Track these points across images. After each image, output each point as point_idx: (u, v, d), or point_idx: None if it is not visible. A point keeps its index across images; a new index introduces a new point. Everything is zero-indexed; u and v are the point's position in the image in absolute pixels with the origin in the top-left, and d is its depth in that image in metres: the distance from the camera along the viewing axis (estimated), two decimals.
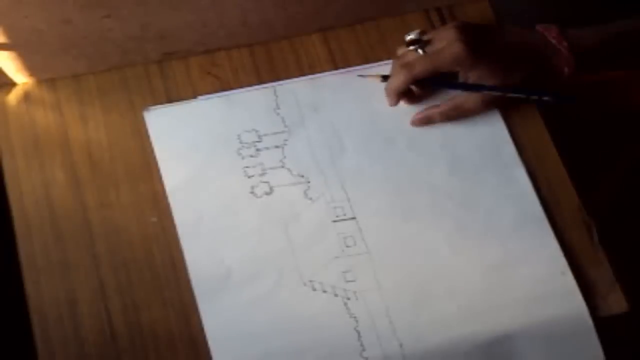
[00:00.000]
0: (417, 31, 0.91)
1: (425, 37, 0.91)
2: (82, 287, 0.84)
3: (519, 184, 0.89)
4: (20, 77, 0.92)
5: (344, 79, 0.94)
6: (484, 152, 0.91)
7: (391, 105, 0.91)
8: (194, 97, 0.93)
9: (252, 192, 0.88)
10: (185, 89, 0.94)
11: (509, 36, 0.91)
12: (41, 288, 0.83)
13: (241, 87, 0.94)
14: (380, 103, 0.92)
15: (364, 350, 0.81)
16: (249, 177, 0.89)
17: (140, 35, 0.91)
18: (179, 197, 0.87)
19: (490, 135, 0.91)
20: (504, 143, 0.91)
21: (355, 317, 0.82)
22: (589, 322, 0.83)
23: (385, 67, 0.94)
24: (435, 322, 0.82)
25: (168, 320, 0.83)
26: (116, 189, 0.88)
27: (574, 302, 0.84)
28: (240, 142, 0.90)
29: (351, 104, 0.93)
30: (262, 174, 0.89)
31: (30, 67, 0.91)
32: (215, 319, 0.82)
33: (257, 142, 0.90)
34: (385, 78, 0.91)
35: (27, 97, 0.92)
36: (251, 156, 0.90)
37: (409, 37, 0.91)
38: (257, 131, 0.91)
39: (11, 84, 0.92)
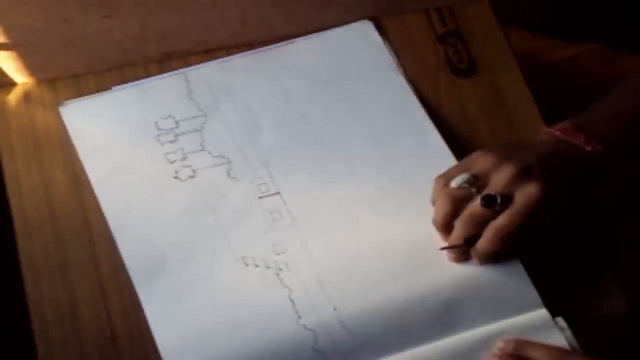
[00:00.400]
0: (465, 179, 0.84)
1: (477, 183, 0.84)
2: (82, 287, 0.84)
3: (432, 143, 0.91)
4: (20, 77, 0.92)
5: (254, 60, 0.96)
6: (395, 117, 0.93)
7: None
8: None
9: (176, 177, 0.89)
10: None
11: (556, 160, 0.84)
12: (41, 288, 0.83)
13: None
14: (291, 80, 0.95)
15: (300, 317, 0.82)
16: (171, 162, 0.89)
17: (140, 35, 0.91)
18: (104, 189, 0.87)
19: (398, 101, 0.94)
20: (413, 107, 0.93)
21: (288, 287, 0.83)
22: (519, 265, 0.84)
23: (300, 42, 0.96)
24: (366, 283, 0.84)
25: None
26: None
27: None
28: (158, 129, 0.91)
29: (263, 84, 0.94)
30: (184, 159, 0.89)
31: (30, 67, 0.91)
32: (155, 303, 0.82)
33: (175, 127, 0.91)
34: (469, 241, 0.83)
35: (27, 97, 0.92)
36: (170, 142, 0.90)
37: (459, 188, 0.84)
38: (173, 117, 0.92)
39: (11, 84, 0.92)
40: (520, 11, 1.14)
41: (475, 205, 0.83)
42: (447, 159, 0.90)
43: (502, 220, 0.81)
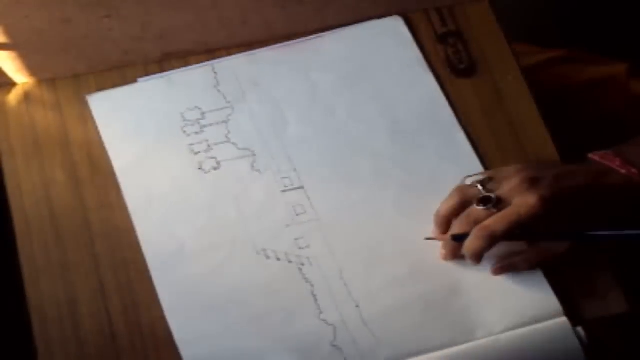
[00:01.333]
0: (479, 179, 0.85)
1: (489, 186, 0.84)
2: (82, 287, 0.84)
3: (458, 146, 0.91)
4: (20, 77, 0.92)
5: (282, 53, 0.96)
6: (422, 116, 0.93)
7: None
8: None
9: (200, 168, 0.89)
10: None
11: (578, 178, 0.84)
12: (41, 288, 0.83)
13: None
14: (318, 74, 0.94)
15: (321, 313, 0.82)
16: (196, 153, 0.90)
17: (140, 35, 0.91)
18: (127, 178, 0.88)
19: (427, 100, 0.93)
20: (441, 106, 0.93)
21: (310, 282, 0.84)
22: (539, 272, 0.84)
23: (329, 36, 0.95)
24: (388, 282, 0.84)
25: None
26: (116, 189, 0.88)
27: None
28: (184, 120, 0.91)
29: (290, 77, 0.94)
30: (208, 150, 0.90)
31: (30, 67, 0.91)
32: (172, 292, 0.83)
33: (201, 119, 0.91)
34: (456, 238, 0.83)
35: (27, 97, 0.92)
36: (196, 133, 0.91)
37: (472, 186, 0.85)
38: (199, 109, 0.92)
39: (11, 84, 0.92)
40: (521, 11, 1.14)
41: (473, 205, 0.83)
42: (472, 161, 0.90)
43: (489, 220, 0.82)
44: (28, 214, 0.86)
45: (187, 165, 0.89)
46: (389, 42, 0.96)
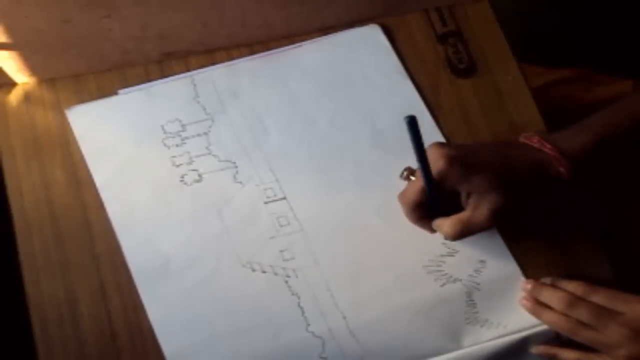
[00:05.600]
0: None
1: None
2: (82, 287, 0.84)
3: None
4: (21, 77, 0.92)
5: (260, 64, 0.95)
6: (402, 122, 0.91)
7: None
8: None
9: (182, 181, 0.89)
10: None
11: (496, 148, 0.86)
12: (41, 288, 0.83)
13: None
14: (298, 84, 0.94)
15: (309, 325, 0.83)
16: (177, 166, 0.89)
17: (140, 35, 0.91)
18: (109, 192, 0.87)
19: (406, 106, 0.94)
20: (420, 112, 0.93)
21: (297, 294, 0.84)
22: (521, 276, 0.86)
23: (308, 46, 0.96)
24: (374, 292, 0.85)
25: None
26: None
27: (505, 258, 0.87)
28: (165, 133, 0.91)
29: (269, 87, 0.94)
30: (190, 162, 0.90)
31: (31, 67, 0.91)
32: (159, 307, 0.83)
33: (181, 131, 0.91)
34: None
35: (27, 97, 0.92)
36: (177, 145, 0.90)
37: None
38: (180, 121, 0.92)
39: (11, 84, 0.92)
40: (520, 11, 1.15)
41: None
42: None
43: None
44: (28, 214, 0.86)
45: (169, 178, 0.89)
46: (366, 50, 0.96)
